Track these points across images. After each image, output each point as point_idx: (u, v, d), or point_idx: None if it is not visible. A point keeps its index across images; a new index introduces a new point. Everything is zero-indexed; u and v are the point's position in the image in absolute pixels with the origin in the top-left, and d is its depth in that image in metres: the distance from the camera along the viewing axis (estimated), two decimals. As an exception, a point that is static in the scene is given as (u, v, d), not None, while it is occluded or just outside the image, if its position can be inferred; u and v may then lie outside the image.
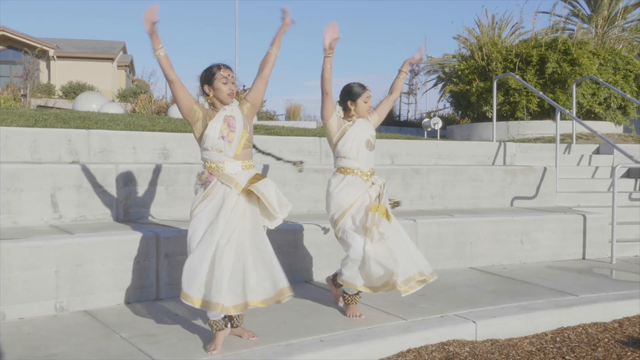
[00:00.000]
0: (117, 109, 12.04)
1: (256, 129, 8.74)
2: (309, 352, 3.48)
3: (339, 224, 4.15)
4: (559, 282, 5.43)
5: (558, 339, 4.27)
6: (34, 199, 4.91)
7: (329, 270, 5.28)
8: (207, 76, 3.59)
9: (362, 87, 4.25)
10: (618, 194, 6.67)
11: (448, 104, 17.70)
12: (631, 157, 6.67)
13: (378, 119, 4.37)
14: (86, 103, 11.90)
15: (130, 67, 37.14)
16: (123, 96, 22.95)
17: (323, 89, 4.12)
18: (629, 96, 9.41)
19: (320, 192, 6.26)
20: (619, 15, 15.61)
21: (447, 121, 17.78)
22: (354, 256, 4.06)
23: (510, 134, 12.47)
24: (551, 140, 11.32)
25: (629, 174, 8.31)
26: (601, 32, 14.03)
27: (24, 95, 18.08)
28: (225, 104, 3.60)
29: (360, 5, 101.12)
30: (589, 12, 19.23)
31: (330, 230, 5.25)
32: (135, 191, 5.32)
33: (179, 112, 12.39)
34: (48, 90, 24.15)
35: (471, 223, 6.07)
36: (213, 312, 3.43)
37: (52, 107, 13.07)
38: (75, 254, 4.22)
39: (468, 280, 5.41)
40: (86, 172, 5.13)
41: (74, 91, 23.77)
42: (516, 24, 15.20)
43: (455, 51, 16.34)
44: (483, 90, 13.10)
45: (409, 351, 3.80)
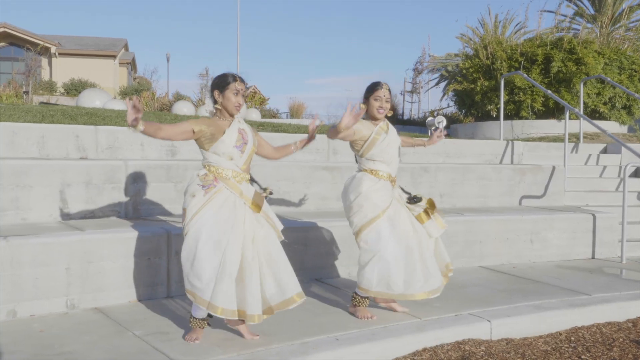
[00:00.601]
0: (121, 105, 11.98)
1: (263, 127, 8.70)
2: (324, 351, 3.44)
3: (372, 224, 3.97)
4: (570, 281, 5.40)
5: (573, 338, 4.24)
6: (42, 195, 4.87)
7: (339, 268, 5.27)
8: (221, 83, 3.60)
9: (375, 85, 4.11)
10: (627, 194, 6.63)
11: (451, 103, 17.66)
12: (641, 156, 6.63)
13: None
14: (90, 100, 11.85)
15: (132, 65, 37.09)
16: (125, 93, 22.91)
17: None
18: (638, 96, 9.32)
19: (329, 189, 6.23)
20: (624, 14, 15.56)
21: (450, 120, 17.72)
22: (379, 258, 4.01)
23: (514, 133, 12.42)
24: (556, 139, 11.29)
25: (636, 173, 8.27)
26: (605, 32, 13.98)
27: (26, 92, 18.04)
28: (231, 115, 3.64)
29: (363, 4, 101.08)
30: (592, 12, 19.19)
31: (338, 228, 5.22)
32: (144, 188, 5.28)
33: (183, 109, 12.31)
34: (50, 87, 24.10)
35: (480, 222, 6.03)
36: (201, 310, 3.48)
37: (55, 104, 13.03)
38: (85, 250, 4.18)
39: (479, 279, 5.37)
40: (95, 168, 5.09)
41: (75, 88, 23.73)
42: (519, 22, 15.15)
43: (459, 50, 16.30)
44: (488, 89, 13.05)
45: (424, 350, 3.76)
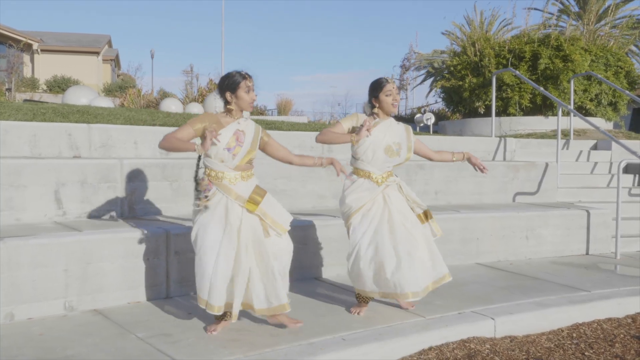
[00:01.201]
0: (107, 103, 11.84)
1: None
2: (331, 352, 3.40)
3: (349, 221, 4.12)
4: (567, 277, 5.42)
5: (574, 335, 4.25)
6: (37, 195, 4.77)
7: (338, 267, 5.23)
8: (231, 84, 3.61)
9: (384, 81, 4.11)
10: (621, 190, 6.67)
11: (438, 99, 17.70)
12: (635, 153, 6.68)
13: (414, 146, 4.25)
14: (76, 97, 11.67)
15: (115, 61, 36.68)
16: (109, 90, 22.66)
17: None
18: (628, 92, 9.41)
19: (326, 187, 6.20)
20: (609, 12, 15.70)
21: (438, 117, 17.77)
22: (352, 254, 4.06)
23: (502, 130, 12.49)
24: (543, 135, 11.37)
25: (627, 169, 8.33)
26: (592, 30, 14.08)
27: (9, 89, 17.76)
28: (247, 110, 3.70)
29: (352, 2, 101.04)
30: (577, 10, 19.35)
31: (336, 226, 5.19)
32: (140, 187, 5.20)
33: (171, 107, 12.18)
34: (32, 85, 23.74)
35: (477, 219, 6.03)
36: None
37: (40, 102, 12.83)
38: (84, 251, 4.10)
39: (477, 277, 5.38)
40: (90, 167, 5.00)
41: (58, 85, 23.42)
42: (504, 19, 15.24)
43: (447, 47, 16.37)
44: (476, 86, 13.09)
45: (430, 349, 3.75)
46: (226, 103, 3.65)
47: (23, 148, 5.51)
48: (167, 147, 3.55)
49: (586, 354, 3.90)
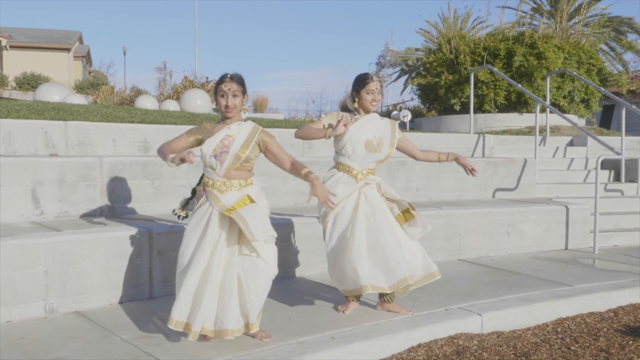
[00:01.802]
0: (80, 100, 11.59)
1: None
2: (322, 350, 3.37)
3: (324, 219, 4.08)
4: (549, 272, 5.47)
5: (559, 329, 4.28)
6: (13, 194, 4.64)
7: (322, 264, 5.18)
8: (216, 86, 3.54)
9: (366, 78, 4.07)
10: (594, 185, 6.77)
11: (413, 97, 17.81)
12: (612, 149, 6.77)
13: (399, 142, 4.16)
14: (48, 94, 11.40)
15: (87, 58, 36.05)
16: (80, 88, 22.26)
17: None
18: (603, 90, 9.56)
19: (306, 184, 6.12)
20: (582, 10, 15.92)
21: (414, 114, 17.84)
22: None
23: (478, 126, 12.57)
24: (518, 132, 11.48)
25: (603, 165, 8.45)
26: (565, 28, 14.27)
27: (-23, 87, 17.32)
28: (226, 117, 3.52)
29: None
30: (549, 8, 19.59)
31: (319, 224, 5.14)
32: (121, 185, 5.09)
33: (146, 104, 11.98)
34: (1, 82, 23.21)
35: (459, 215, 6.05)
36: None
37: (10, 99, 12.53)
38: (64, 252, 3.99)
39: (461, 273, 5.39)
40: (68, 165, 4.88)
41: (28, 82, 22.94)
42: (477, 17, 15.39)
43: (422, 44, 16.44)
44: (452, 83, 13.17)
45: (419, 346, 3.74)
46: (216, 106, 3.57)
47: (-3, 146, 5.35)
48: (159, 155, 3.49)
49: (572, 348, 3.93)
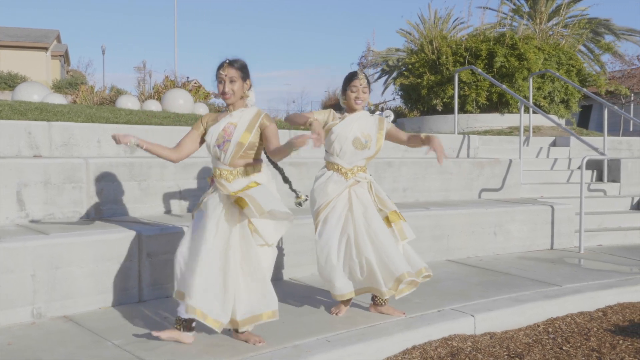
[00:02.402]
0: (60, 100, 11.39)
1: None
2: (318, 354, 3.34)
3: (315, 220, 4.08)
4: (537, 272, 5.50)
5: (550, 329, 4.30)
6: (-3, 196, 4.54)
7: (312, 265, 5.14)
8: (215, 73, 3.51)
9: (352, 76, 4.05)
10: (577, 185, 6.85)
11: (395, 97, 17.83)
12: (597, 149, 6.84)
13: (388, 132, 4.12)
14: (27, 94, 11.18)
15: (65, 57, 35.51)
16: (58, 87, 21.93)
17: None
18: (586, 90, 9.67)
19: (296, 185, 6.10)
20: (561, 11, 16.10)
21: (396, 114, 17.89)
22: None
23: (460, 127, 12.65)
24: (499, 132, 11.57)
25: (586, 165, 8.53)
26: (544, 29, 14.42)
27: (-49, 86, 16.97)
28: (227, 104, 3.52)
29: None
30: (528, 9, 19.78)
31: (309, 225, 5.11)
32: (107, 187, 5.01)
33: (127, 104, 11.81)
34: (-24, 81, 22.81)
35: (447, 216, 6.07)
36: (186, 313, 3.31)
37: (-13, 98, 12.27)
38: (53, 255, 3.91)
39: (450, 273, 5.40)
40: (54, 167, 4.78)
41: (5, 82, 22.53)
42: (457, 18, 15.44)
43: (403, 45, 16.45)
44: (434, 83, 13.22)
45: (414, 348, 3.72)
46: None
47: (-21, 147, 5.23)
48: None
49: (564, 348, 3.95)
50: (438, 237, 5.98)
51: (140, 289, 4.30)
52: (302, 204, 3.68)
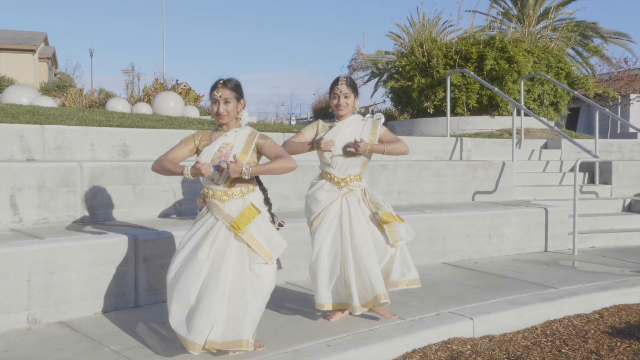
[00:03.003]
0: (50, 103, 11.33)
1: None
2: (318, 358, 3.32)
3: (311, 227, 4.06)
4: (532, 275, 5.51)
5: (548, 332, 4.31)
6: (-10, 201, 4.48)
7: (308, 269, 5.13)
8: (210, 91, 3.43)
9: (333, 82, 4.03)
10: (569, 188, 6.87)
11: (383, 99, 17.86)
12: (590, 152, 6.88)
13: (380, 139, 4.09)
14: (16, 97, 11.10)
15: (52, 60, 35.20)
16: (46, 90, 21.73)
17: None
18: (576, 92, 9.73)
19: (291, 189, 6.10)
20: (549, 14, 16.21)
21: (386, 117, 17.92)
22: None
23: (450, 129, 12.69)
24: (490, 135, 11.62)
25: (578, 167, 8.58)
26: (533, 32, 14.50)
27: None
28: (221, 124, 3.45)
29: (296, 0, 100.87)
30: (516, 12, 19.89)
31: (304, 229, 5.09)
32: (101, 191, 4.96)
33: (117, 107, 11.75)
34: (-38, 83, 22.51)
35: (442, 218, 6.07)
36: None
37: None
38: (48, 260, 3.86)
39: (446, 276, 5.40)
40: (48, 170, 4.73)
41: (-9, 84, 22.27)
42: (446, 21, 15.53)
43: (393, 48, 16.51)
44: (424, 86, 13.25)
45: (414, 352, 3.71)
46: None
47: (-29, 151, 5.16)
48: (157, 169, 3.39)
49: (562, 350, 3.96)
50: (433, 239, 5.98)
51: (137, 294, 4.25)
52: (278, 228, 3.61)
